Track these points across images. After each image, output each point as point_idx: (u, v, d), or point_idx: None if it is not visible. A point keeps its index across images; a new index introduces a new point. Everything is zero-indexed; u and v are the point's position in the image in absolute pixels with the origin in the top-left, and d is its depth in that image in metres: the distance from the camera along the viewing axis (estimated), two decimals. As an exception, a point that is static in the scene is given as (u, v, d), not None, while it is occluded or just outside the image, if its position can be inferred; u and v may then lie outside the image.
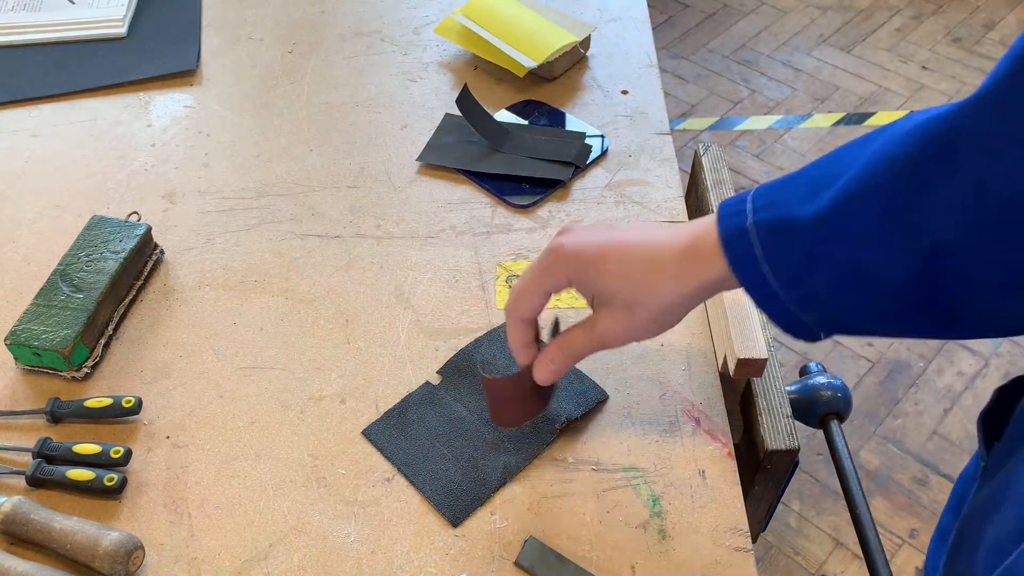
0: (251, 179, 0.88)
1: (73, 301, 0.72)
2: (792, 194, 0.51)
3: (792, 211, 0.50)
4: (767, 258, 0.50)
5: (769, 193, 0.52)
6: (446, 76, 0.99)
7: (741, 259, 0.52)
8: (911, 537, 1.58)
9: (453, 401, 0.69)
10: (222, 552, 0.61)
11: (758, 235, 0.51)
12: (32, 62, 1.02)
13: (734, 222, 0.52)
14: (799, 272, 0.50)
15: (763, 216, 0.51)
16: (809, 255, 0.49)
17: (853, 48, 2.59)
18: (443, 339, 0.74)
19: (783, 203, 0.51)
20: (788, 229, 0.50)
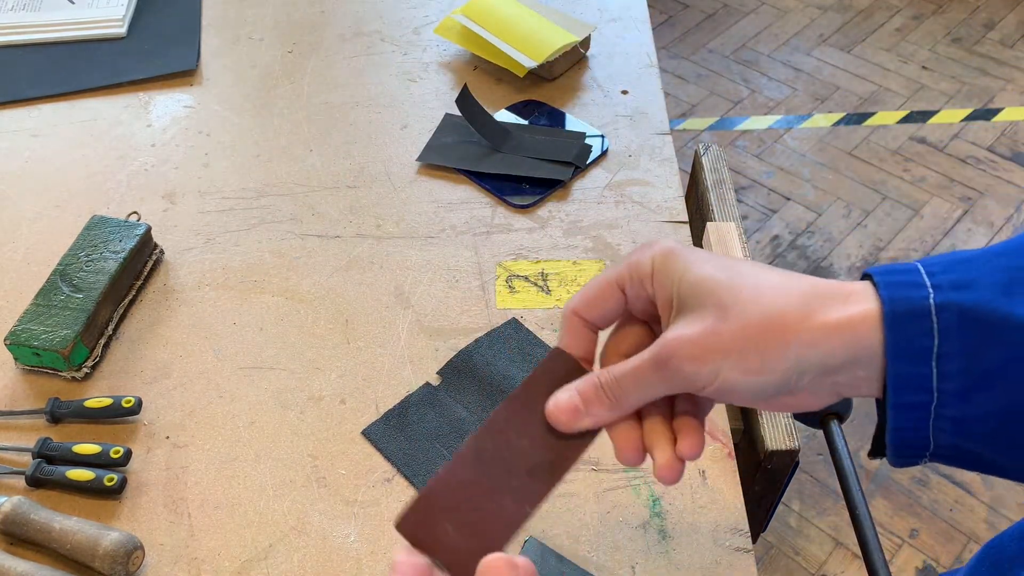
0: (251, 179, 0.88)
1: (73, 301, 0.72)
2: (988, 276, 0.38)
3: (997, 303, 0.37)
4: (944, 354, 0.37)
5: (957, 268, 0.38)
6: (446, 76, 0.99)
7: (905, 344, 0.37)
8: (911, 537, 1.58)
9: (453, 402, 0.69)
10: (222, 552, 0.61)
11: (941, 319, 0.37)
12: (32, 62, 1.01)
13: (905, 293, 0.38)
14: (983, 383, 0.37)
15: (955, 298, 0.37)
16: (1006, 365, 0.36)
17: (853, 48, 2.59)
18: (443, 339, 0.74)
19: (980, 286, 0.37)
20: (990, 324, 0.36)
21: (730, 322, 0.39)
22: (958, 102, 2.40)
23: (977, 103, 2.39)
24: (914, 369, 0.37)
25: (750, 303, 0.39)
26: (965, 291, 0.37)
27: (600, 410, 0.43)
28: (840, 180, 2.19)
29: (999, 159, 2.23)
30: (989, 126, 2.32)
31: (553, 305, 0.76)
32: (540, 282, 0.78)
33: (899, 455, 0.40)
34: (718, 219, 0.81)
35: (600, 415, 0.43)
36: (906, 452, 0.39)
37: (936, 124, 2.34)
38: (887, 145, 2.28)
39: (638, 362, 0.41)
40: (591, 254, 0.80)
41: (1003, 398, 0.37)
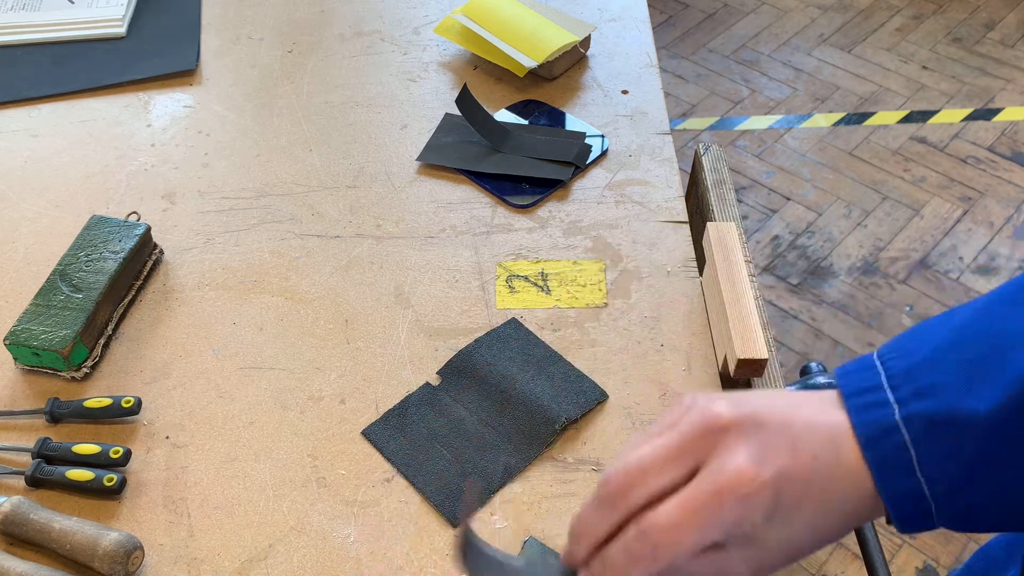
0: (251, 179, 0.88)
1: (72, 301, 0.72)
2: (947, 376, 0.39)
3: (959, 402, 0.38)
4: (925, 463, 0.38)
5: (916, 375, 0.39)
6: (446, 76, 0.99)
7: (888, 467, 0.38)
8: (911, 537, 1.58)
9: (453, 402, 0.69)
10: (221, 552, 0.61)
11: (912, 432, 0.38)
12: (31, 62, 1.01)
13: (872, 416, 0.39)
14: (969, 479, 0.38)
15: (919, 408, 0.38)
16: (982, 460, 0.37)
17: (853, 48, 2.59)
18: (443, 339, 0.73)
19: (942, 390, 0.38)
20: (957, 426, 0.37)
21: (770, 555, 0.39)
22: (958, 102, 2.40)
23: (977, 103, 2.39)
24: (902, 485, 0.38)
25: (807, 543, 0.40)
26: (930, 399, 0.38)
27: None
28: (840, 180, 2.19)
29: (999, 159, 2.23)
30: (989, 126, 2.32)
31: (553, 305, 0.76)
32: (540, 282, 0.78)
33: (908, 528, 0.41)
34: (718, 219, 0.81)
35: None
36: (915, 529, 0.40)
37: (936, 124, 2.34)
38: (887, 145, 2.28)
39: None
40: (591, 254, 0.80)
41: (993, 486, 0.38)
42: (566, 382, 0.69)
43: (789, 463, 0.39)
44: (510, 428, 0.67)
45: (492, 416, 0.67)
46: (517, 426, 0.67)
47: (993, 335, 0.39)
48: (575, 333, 0.74)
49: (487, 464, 0.65)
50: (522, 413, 0.67)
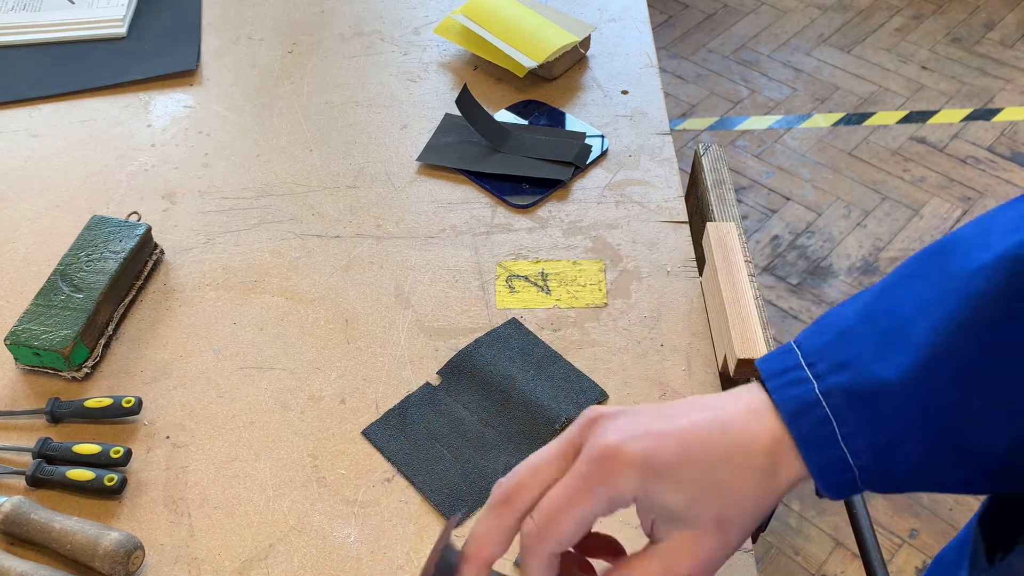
0: (251, 179, 0.88)
1: (73, 301, 0.72)
2: (861, 349, 0.41)
3: (872, 372, 0.40)
4: (847, 435, 0.40)
5: (830, 352, 0.41)
6: (446, 76, 0.99)
7: (812, 440, 0.40)
8: (911, 537, 1.58)
9: (453, 402, 0.69)
10: (222, 552, 0.61)
11: (832, 406, 0.40)
12: (32, 62, 1.01)
13: (792, 393, 0.41)
14: (887, 448, 0.40)
15: (837, 382, 0.40)
16: (900, 426, 0.39)
17: (853, 48, 2.59)
18: (443, 339, 0.74)
19: (857, 362, 0.40)
20: (873, 395, 0.40)
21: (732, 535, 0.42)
22: (958, 102, 2.40)
23: (977, 103, 2.39)
24: (828, 456, 0.40)
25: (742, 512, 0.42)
26: (847, 372, 0.40)
27: None
28: (840, 180, 2.19)
29: (999, 159, 2.23)
30: (989, 126, 2.32)
31: (553, 305, 0.76)
32: (540, 282, 0.78)
33: (842, 497, 0.42)
34: (718, 219, 0.81)
35: None
36: (850, 494, 0.42)
37: (936, 124, 2.34)
38: (887, 145, 2.28)
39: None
40: (591, 254, 0.80)
41: (912, 449, 0.39)
42: (566, 382, 0.69)
43: (665, 437, 0.41)
44: (510, 428, 0.67)
45: (492, 416, 0.67)
46: (517, 426, 0.67)
47: (896, 309, 0.41)
48: (575, 333, 0.74)
49: (487, 464, 0.65)
50: (522, 413, 0.67)
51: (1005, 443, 0.38)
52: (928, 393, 0.39)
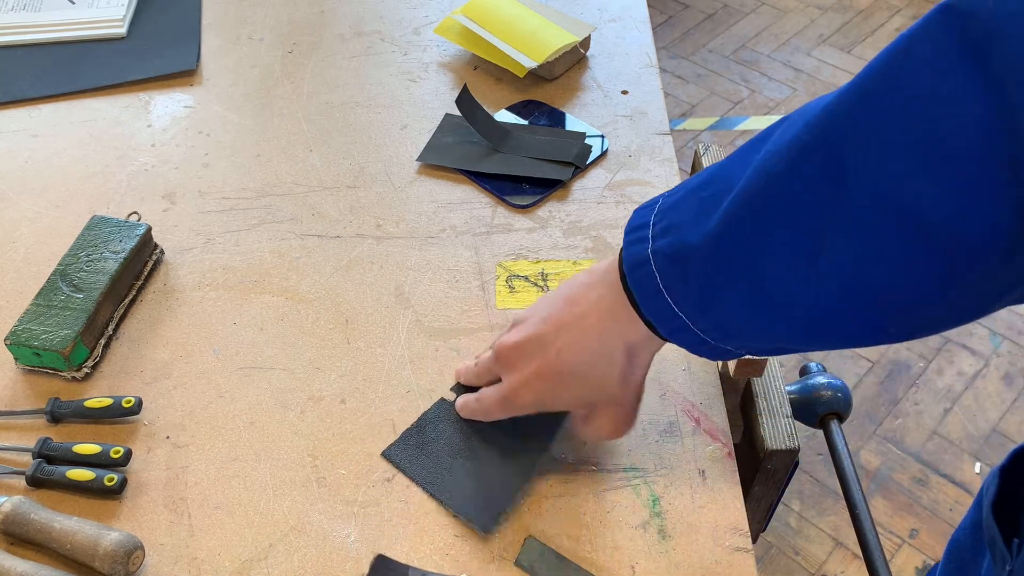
0: (251, 179, 0.88)
1: (73, 301, 0.72)
2: (685, 215, 0.49)
3: (684, 237, 0.48)
4: (667, 286, 0.49)
5: (667, 214, 0.50)
6: (446, 76, 0.99)
7: (642, 289, 0.51)
8: (911, 537, 1.58)
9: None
10: (222, 552, 0.61)
11: (657, 264, 0.50)
12: (32, 62, 1.02)
13: (634, 250, 0.51)
14: (707, 298, 0.48)
15: (661, 244, 0.50)
16: (708, 282, 0.48)
17: (853, 48, 2.59)
18: (443, 339, 0.74)
19: (677, 227, 0.49)
20: (683, 259, 0.48)
21: (630, 404, 0.60)
22: (958, 102, 2.40)
23: (977, 103, 2.39)
24: (656, 302, 0.50)
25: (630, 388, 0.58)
26: (669, 235, 0.49)
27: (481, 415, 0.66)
28: (840, 180, 2.19)
29: (999, 159, 2.23)
30: (989, 126, 2.32)
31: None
32: (540, 282, 0.78)
33: (711, 358, 0.54)
34: (718, 219, 0.81)
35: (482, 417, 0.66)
36: (694, 343, 0.52)
37: (936, 124, 2.34)
38: (887, 145, 2.28)
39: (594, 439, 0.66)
40: (591, 254, 0.80)
41: (723, 304, 0.48)
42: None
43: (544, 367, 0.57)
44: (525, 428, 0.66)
45: (507, 422, 0.66)
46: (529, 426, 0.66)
47: (723, 179, 0.48)
48: (575, 333, 0.74)
49: (509, 468, 0.64)
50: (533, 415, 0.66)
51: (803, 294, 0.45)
52: (723, 253, 0.47)
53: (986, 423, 1.74)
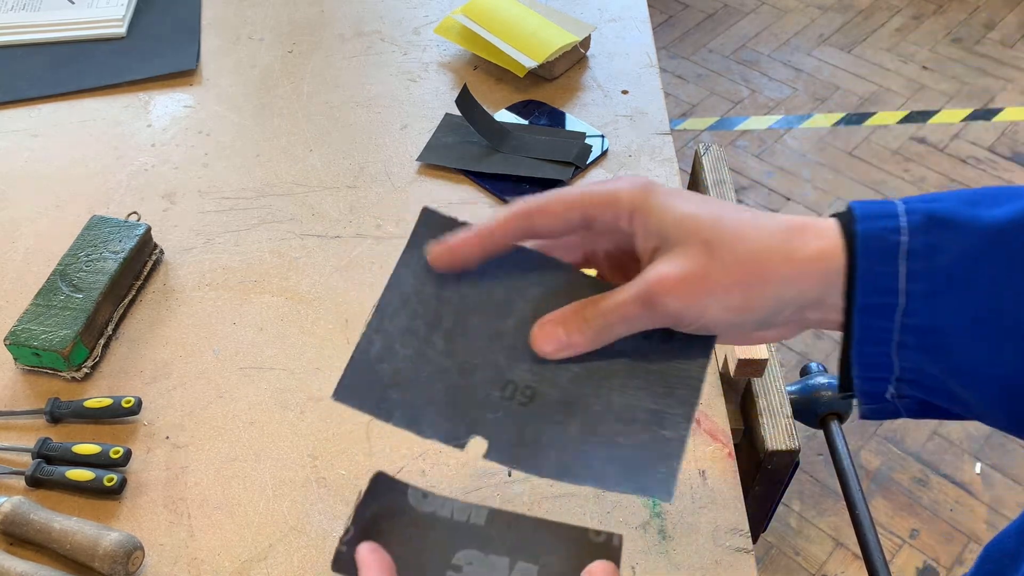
0: (251, 179, 0.88)
1: (73, 301, 0.72)
2: (954, 198, 0.40)
3: (960, 210, 0.39)
4: (913, 251, 0.38)
5: (923, 196, 0.41)
6: (446, 76, 0.99)
7: (876, 243, 0.39)
8: (911, 537, 1.58)
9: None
10: (222, 552, 0.61)
11: (910, 219, 0.39)
12: (31, 62, 1.01)
13: (876, 206, 0.40)
14: (948, 285, 0.38)
15: (921, 206, 0.39)
16: (969, 265, 0.38)
17: (853, 48, 2.59)
18: (443, 339, 0.73)
19: (946, 200, 0.40)
20: (954, 224, 0.38)
21: (715, 261, 0.40)
22: (958, 102, 2.40)
23: (977, 103, 2.39)
24: (883, 267, 0.38)
25: (734, 242, 0.40)
26: (932, 203, 0.39)
27: (583, 343, 0.43)
28: (840, 180, 2.19)
29: (999, 159, 2.23)
30: (989, 126, 2.32)
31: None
32: (540, 282, 0.78)
33: (864, 377, 0.40)
34: (718, 219, 0.81)
35: (582, 348, 0.43)
36: (870, 375, 0.40)
37: (936, 124, 2.34)
38: (887, 145, 2.28)
39: (624, 298, 0.42)
40: (591, 254, 0.80)
41: (967, 305, 0.37)
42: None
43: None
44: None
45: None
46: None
47: (997, 191, 0.40)
48: (575, 333, 0.74)
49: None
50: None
51: None
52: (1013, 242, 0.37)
53: (986, 423, 1.74)
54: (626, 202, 0.42)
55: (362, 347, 0.45)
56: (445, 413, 0.44)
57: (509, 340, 0.45)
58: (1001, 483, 1.64)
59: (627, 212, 0.42)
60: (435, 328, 0.45)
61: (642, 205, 0.42)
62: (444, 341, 0.45)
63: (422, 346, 0.45)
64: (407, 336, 0.45)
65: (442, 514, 0.43)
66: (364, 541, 0.44)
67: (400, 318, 0.45)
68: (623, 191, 0.42)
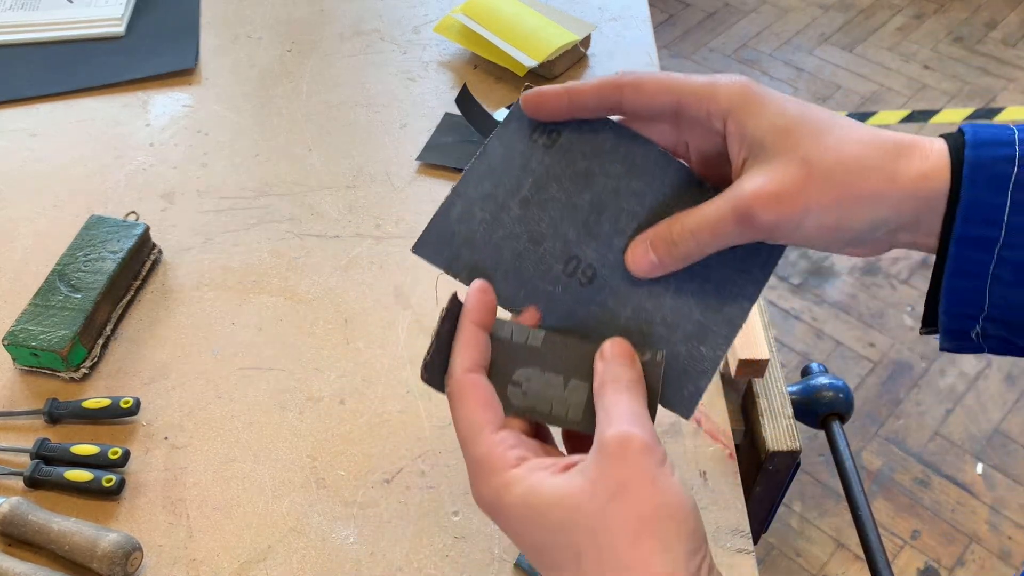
0: (250, 179, 0.88)
1: (71, 301, 0.71)
2: None
3: None
4: (1022, 182, 0.36)
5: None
6: (446, 75, 0.99)
7: (984, 171, 0.37)
8: (912, 538, 1.57)
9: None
10: (221, 553, 0.61)
11: (1023, 151, 0.37)
12: (30, 61, 1.01)
13: (991, 130, 0.38)
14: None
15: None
16: None
17: (855, 47, 2.58)
18: (443, 339, 0.73)
19: None
20: None
21: (815, 176, 0.38)
22: (960, 101, 2.39)
23: (979, 103, 2.39)
24: (989, 197, 0.37)
25: (834, 156, 0.38)
26: None
27: (673, 263, 0.42)
28: (841, 180, 2.19)
29: (1001, 158, 2.22)
30: (991, 125, 2.32)
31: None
32: (540, 282, 0.78)
33: (952, 314, 0.39)
34: (719, 219, 0.81)
35: (672, 266, 0.43)
36: (959, 311, 0.39)
37: (938, 123, 2.33)
38: (888, 145, 2.27)
39: (716, 215, 0.40)
40: (591, 254, 0.80)
41: None
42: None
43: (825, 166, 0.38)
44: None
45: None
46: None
47: None
48: (575, 333, 0.73)
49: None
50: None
51: None
52: None
53: (988, 424, 1.74)
54: (723, 99, 0.40)
55: (444, 208, 0.47)
56: (508, 278, 0.46)
57: (583, 215, 0.45)
58: (1003, 484, 1.64)
59: (723, 110, 0.40)
60: (514, 195, 0.46)
61: (740, 106, 0.40)
62: (520, 207, 0.46)
63: (498, 211, 0.46)
64: (487, 200, 0.47)
65: (502, 335, 0.45)
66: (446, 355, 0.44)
67: (484, 185, 0.47)
68: (721, 86, 0.40)
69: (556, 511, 0.37)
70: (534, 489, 0.38)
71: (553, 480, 0.38)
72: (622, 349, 0.43)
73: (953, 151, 0.38)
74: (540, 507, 0.37)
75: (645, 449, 0.37)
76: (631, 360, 0.42)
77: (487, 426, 0.40)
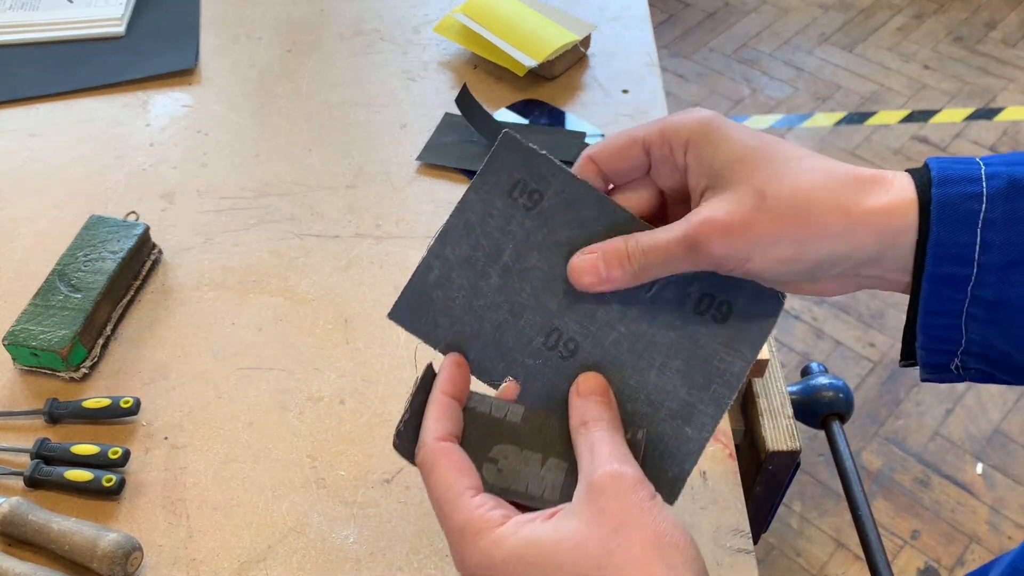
0: (250, 179, 0.88)
1: (71, 301, 0.71)
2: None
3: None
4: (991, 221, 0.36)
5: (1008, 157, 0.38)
6: (446, 75, 0.99)
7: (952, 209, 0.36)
8: (912, 538, 1.57)
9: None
10: (220, 553, 0.61)
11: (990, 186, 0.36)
12: (30, 61, 1.01)
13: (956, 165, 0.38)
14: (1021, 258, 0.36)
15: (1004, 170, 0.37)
16: None
17: (855, 47, 2.58)
18: (443, 339, 0.73)
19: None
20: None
21: (767, 208, 0.37)
22: (960, 101, 2.39)
23: (979, 103, 2.39)
24: (958, 236, 0.36)
25: (788, 188, 0.38)
26: (1016, 167, 0.37)
27: (621, 279, 0.42)
28: (841, 180, 2.19)
29: (1001, 158, 2.22)
30: (991, 126, 2.32)
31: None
32: (540, 282, 0.78)
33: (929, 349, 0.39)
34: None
35: (619, 283, 0.42)
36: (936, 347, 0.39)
37: (938, 124, 2.33)
38: (888, 144, 2.27)
39: (667, 238, 0.40)
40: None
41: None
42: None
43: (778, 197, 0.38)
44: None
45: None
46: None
47: None
48: (575, 333, 0.73)
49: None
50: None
51: None
52: None
53: (988, 424, 1.74)
54: (684, 132, 0.40)
55: (421, 270, 0.46)
56: (487, 350, 0.45)
57: (564, 285, 0.44)
58: (1003, 484, 1.64)
59: (683, 142, 0.40)
60: (494, 262, 0.45)
61: (701, 137, 0.40)
62: (500, 276, 0.45)
63: (477, 279, 0.45)
64: (465, 266, 0.45)
65: (481, 410, 0.44)
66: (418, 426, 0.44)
67: (462, 247, 0.46)
68: (683, 120, 0.41)
69: (557, 555, 0.36)
70: (529, 539, 0.37)
71: (545, 526, 0.38)
72: (597, 384, 0.43)
73: (919, 188, 0.38)
74: (539, 554, 0.37)
75: (638, 484, 0.38)
76: (608, 397, 0.42)
77: (465, 492, 0.40)
